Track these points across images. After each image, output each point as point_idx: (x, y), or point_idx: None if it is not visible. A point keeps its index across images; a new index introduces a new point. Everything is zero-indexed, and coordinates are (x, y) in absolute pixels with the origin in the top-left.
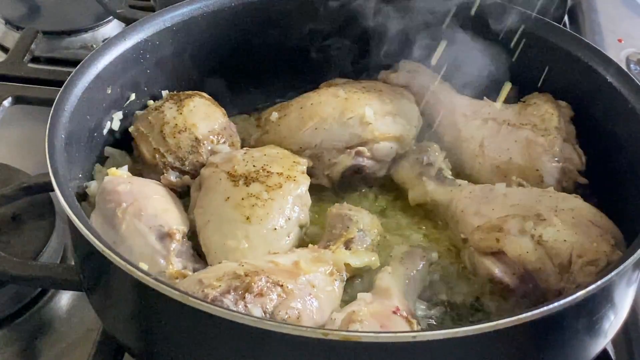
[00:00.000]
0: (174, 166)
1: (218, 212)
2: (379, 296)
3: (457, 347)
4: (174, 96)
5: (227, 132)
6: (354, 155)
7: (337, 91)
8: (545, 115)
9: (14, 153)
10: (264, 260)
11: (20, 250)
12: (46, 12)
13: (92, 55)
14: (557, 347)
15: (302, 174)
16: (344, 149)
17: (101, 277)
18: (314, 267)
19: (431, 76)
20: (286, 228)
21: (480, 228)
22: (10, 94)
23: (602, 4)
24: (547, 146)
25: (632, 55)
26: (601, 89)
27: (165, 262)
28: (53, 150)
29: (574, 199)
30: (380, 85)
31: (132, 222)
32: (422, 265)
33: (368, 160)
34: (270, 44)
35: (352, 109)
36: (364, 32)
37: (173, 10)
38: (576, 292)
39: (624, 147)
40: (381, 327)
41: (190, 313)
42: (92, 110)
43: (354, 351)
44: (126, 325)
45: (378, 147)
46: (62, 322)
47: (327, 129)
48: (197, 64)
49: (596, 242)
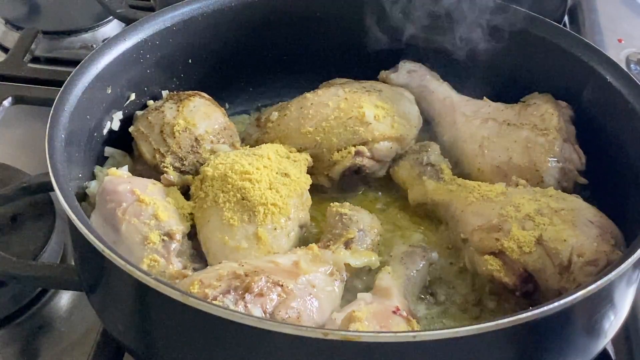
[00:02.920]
0: (174, 166)
1: (218, 212)
2: (379, 296)
3: (457, 347)
4: (174, 96)
5: (227, 132)
6: (354, 155)
7: (337, 91)
8: (545, 115)
9: (14, 153)
10: (264, 260)
11: (20, 250)
12: (46, 12)
13: (92, 55)
14: (557, 347)
15: (304, 174)
16: (344, 149)
17: (101, 277)
18: (314, 267)
19: (431, 76)
20: (286, 228)
21: (480, 228)
22: (10, 94)
23: (602, 4)
24: (547, 146)
25: (632, 55)
26: (601, 89)
27: (166, 262)
28: (53, 150)
29: (574, 199)
30: (380, 85)
31: (131, 222)
32: (422, 265)
33: (368, 160)
34: (270, 44)
35: (352, 109)
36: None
37: (173, 10)
38: (576, 292)
39: (624, 147)
40: (381, 327)
41: (190, 313)
42: (92, 110)
43: (354, 351)
44: (126, 325)
45: (378, 147)
46: (62, 322)
47: (327, 129)
48: (197, 64)
49: (596, 242)
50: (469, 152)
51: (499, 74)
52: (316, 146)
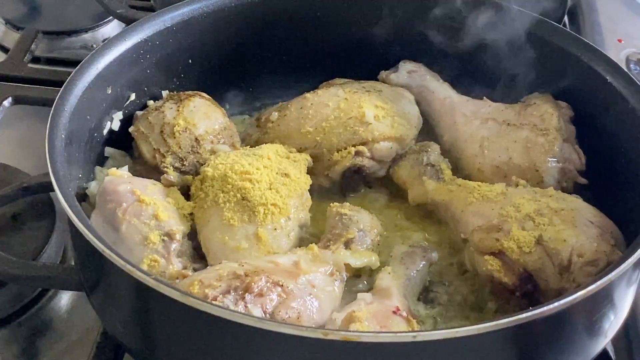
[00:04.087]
0: (174, 166)
1: (218, 212)
2: (379, 296)
3: (457, 347)
4: (174, 96)
5: (227, 132)
6: (354, 155)
7: (337, 91)
8: (545, 115)
9: (14, 153)
10: (264, 260)
11: (20, 250)
12: (46, 12)
13: (92, 55)
14: (557, 347)
15: (304, 174)
16: (344, 149)
17: (101, 277)
18: (314, 267)
19: (431, 76)
20: (286, 228)
21: (480, 228)
22: (10, 94)
23: (602, 4)
24: (546, 146)
25: (632, 55)
26: (601, 89)
27: (166, 262)
28: (53, 150)
29: (574, 199)
30: (380, 85)
31: (132, 222)
32: (422, 265)
33: (368, 160)
34: (270, 44)
35: (352, 109)
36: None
37: (173, 10)
38: (576, 292)
39: (624, 147)
40: (381, 327)
41: (190, 313)
42: (92, 110)
43: (354, 351)
44: (126, 325)
45: (378, 147)
46: (62, 322)
47: (327, 129)
48: (197, 64)
49: (596, 242)
50: (469, 152)
51: (499, 74)
52: (316, 146)
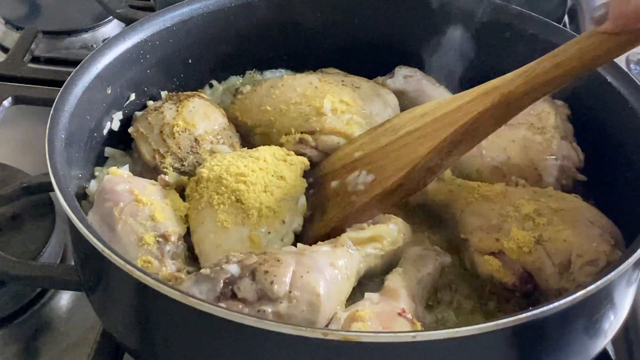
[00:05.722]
0: (174, 167)
1: (212, 213)
2: (386, 297)
3: (457, 347)
4: (173, 97)
5: (226, 133)
6: (297, 141)
7: (312, 79)
8: (542, 114)
9: (14, 153)
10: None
11: (20, 250)
12: (46, 12)
13: (92, 55)
14: (557, 347)
15: (299, 177)
16: (292, 133)
17: (101, 277)
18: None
19: (427, 80)
20: (280, 232)
21: (480, 228)
22: (10, 94)
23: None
24: (544, 144)
25: (632, 55)
26: (601, 89)
27: (159, 264)
28: (53, 150)
29: (573, 199)
30: (365, 83)
31: (127, 222)
32: (434, 268)
33: (311, 149)
34: (270, 44)
35: (315, 99)
36: (365, 33)
37: (173, 10)
38: (576, 292)
39: (623, 147)
40: (383, 328)
41: (190, 313)
42: (92, 110)
43: (354, 351)
44: (126, 325)
45: (324, 139)
46: (62, 322)
47: (283, 112)
48: (197, 64)
49: (596, 242)
50: (467, 153)
51: (497, 74)
52: (269, 125)
